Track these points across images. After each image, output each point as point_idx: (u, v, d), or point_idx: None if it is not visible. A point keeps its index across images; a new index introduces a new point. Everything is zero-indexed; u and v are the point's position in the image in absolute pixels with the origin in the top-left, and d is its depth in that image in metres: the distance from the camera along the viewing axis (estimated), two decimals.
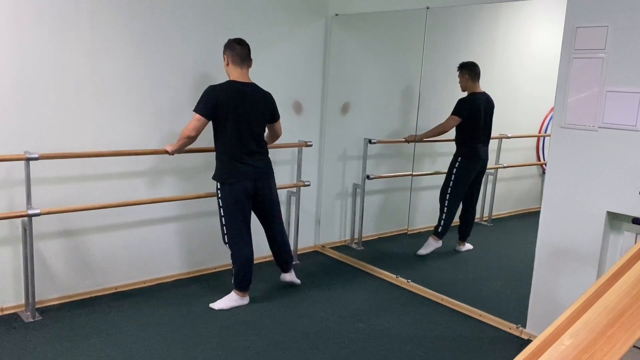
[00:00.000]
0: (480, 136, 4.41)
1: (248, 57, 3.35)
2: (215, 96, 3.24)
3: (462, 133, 4.43)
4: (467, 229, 4.66)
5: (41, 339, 3.02)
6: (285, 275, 3.85)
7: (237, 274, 3.48)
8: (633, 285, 1.99)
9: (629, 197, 2.79)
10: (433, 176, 4.79)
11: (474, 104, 4.34)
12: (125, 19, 3.45)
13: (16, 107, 3.17)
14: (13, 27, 3.09)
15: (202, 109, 3.24)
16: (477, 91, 4.35)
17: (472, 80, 4.34)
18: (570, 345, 1.76)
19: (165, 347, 3.00)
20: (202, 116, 3.23)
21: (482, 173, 4.55)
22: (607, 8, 2.79)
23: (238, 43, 3.33)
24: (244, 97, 3.30)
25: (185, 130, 3.28)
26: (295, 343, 3.11)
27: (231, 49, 3.31)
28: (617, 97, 2.79)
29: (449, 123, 4.38)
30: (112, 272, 3.68)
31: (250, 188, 3.42)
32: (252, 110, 3.34)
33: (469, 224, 4.65)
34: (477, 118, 4.36)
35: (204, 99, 3.26)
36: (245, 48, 3.33)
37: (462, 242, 4.69)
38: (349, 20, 4.44)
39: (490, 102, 4.39)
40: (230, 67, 3.33)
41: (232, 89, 3.29)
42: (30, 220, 3.16)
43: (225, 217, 3.42)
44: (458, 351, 3.10)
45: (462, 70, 4.38)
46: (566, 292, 3.06)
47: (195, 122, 3.24)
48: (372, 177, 4.72)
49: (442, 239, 4.53)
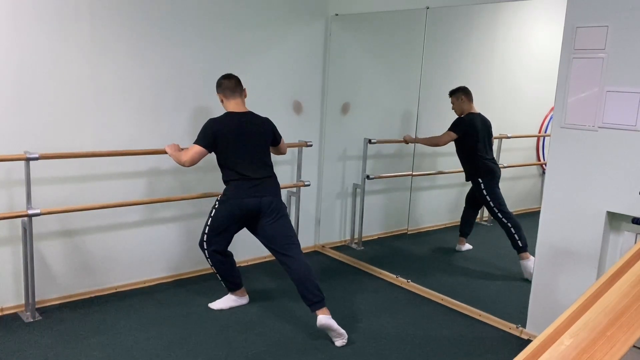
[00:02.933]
0: (487, 153, 4.41)
1: (238, 87, 3.35)
2: (215, 128, 3.26)
3: (467, 154, 4.42)
4: (470, 226, 4.66)
5: (41, 339, 3.02)
6: (321, 317, 3.05)
7: (223, 279, 3.48)
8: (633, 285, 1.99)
9: (629, 197, 2.78)
10: (433, 176, 4.78)
11: (472, 123, 4.35)
12: (125, 19, 3.45)
13: (16, 107, 3.17)
14: (12, 27, 3.09)
15: (202, 140, 3.26)
16: (473, 112, 4.36)
17: (468, 102, 4.35)
18: (570, 345, 1.76)
19: (165, 347, 3.00)
20: (202, 147, 3.25)
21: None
22: (607, 8, 2.79)
23: (225, 78, 3.36)
24: (242, 126, 3.32)
25: (182, 156, 3.27)
26: (295, 343, 3.11)
27: (220, 86, 3.35)
28: (617, 97, 2.79)
29: (443, 138, 4.38)
30: (112, 272, 3.68)
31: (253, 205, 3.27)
32: (253, 137, 3.35)
33: (470, 222, 4.66)
34: (476, 135, 4.36)
35: (203, 132, 3.28)
36: (232, 80, 3.35)
37: (462, 240, 4.69)
38: (349, 20, 4.44)
39: (486, 122, 4.40)
40: (225, 102, 3.37)
41: (229, 119, 3.31)
42: (30, 220, 3.16)
43: (210, 225, 3.37)
44: (458, 351, 3.10)
45: (456, 94, 4.36)
46: (566, 292, 3.06)
47: (193, 153, 3.25)
48: (372, 177, 4.72)
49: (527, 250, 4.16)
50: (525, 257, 4.10)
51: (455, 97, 4.38)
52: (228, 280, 3.49)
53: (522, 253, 4.14)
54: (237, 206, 3.29)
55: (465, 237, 4.69)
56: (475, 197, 4.55)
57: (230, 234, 3.40)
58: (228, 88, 3.34)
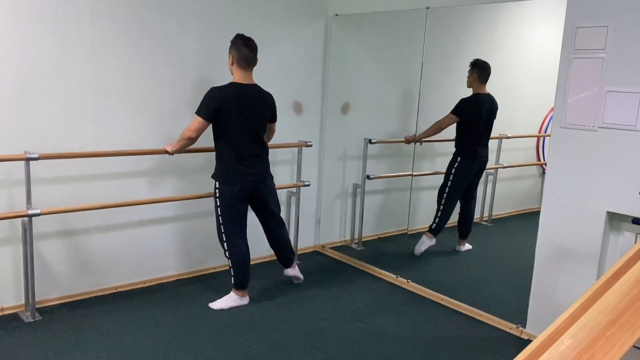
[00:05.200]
0: (479, 137, 4.41)
1: (254, 60, 3.32)
2: (218, 98, 3.23)
3: (462, 133, 4.43)
4: (467, 227, 4.66)
5: (41, 339, 3.02)
6: (288, 270, 3.87)
7: (236, 273, 3.48)
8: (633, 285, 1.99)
9: (629, 197, 2.79)
10: (433, 176, 4.78)
11: (475, 105, 4.34)
12: (126, 19, 3.45)
13: (16, 107, 3.17)
14: (13, 27, 3.09)
15: (204, 110, 3.23)
16: (481, 92, 4.34)
17: (480, 81, 4.32)
18: (570, 346, 1.76)
19: (165, 347, 3.00)
20: (204, 118, 3.23)
21: (481, 171, 4.56)
22: (607, 8, 2.79)
23: (245, 45, 3.26)
24: (246, 100, 3.29)
25: (186, 132, 3.29)
26: (295, 343, 3.11)
27: (237, 50, 3.26)
28: (617, 97, 2.79)
29: (446, 120, 4.38)
30: (112, 272, 3.68)
31: (248, 189, 3.42)
32: (255, 112, 3.34)
33: (468, 222, 4.66)
34: (477, 119, 4.35)
35: (206, 101, 3.25)
36: (253, 51, 3.28)
37: (462, 241, 4.69)
38: (349, 20, 4.44)
39: (493, 103, 4.38)
40: (235, 67, 3.30)
41: (234, 91, 3.27)
42: (30, 220, 3.16)
43: (222, 215, 3.42)
44: (458, 351, 3.10)
45: (473, 67, 4.34)
46: (566, 292, 3.06)
47: (197, 124, 3.24)
48: (372, 177, 4.72)
49: (436, 236, 4.54)
50: (428, 236, 4.54)
51: (470, 70, 4.36)
52: (238, 274, 3.47)
53: (429, 232, 4.55)
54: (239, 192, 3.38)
55: (464, 238, 4.69)
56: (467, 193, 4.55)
57: (242, 215, 3.45)
58: (245, 59, 3.25)
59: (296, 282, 3.94)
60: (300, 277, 3.92)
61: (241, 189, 3.38)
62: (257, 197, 3.51)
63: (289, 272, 3.88)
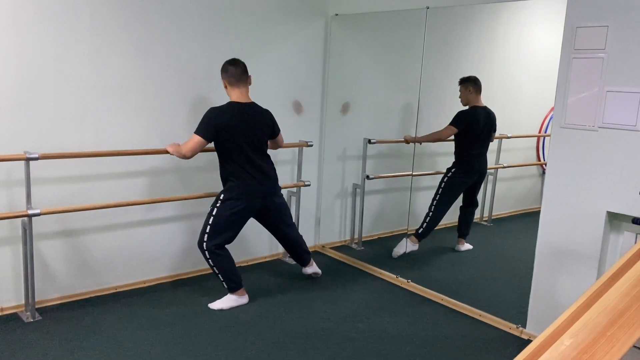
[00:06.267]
0: (477, 149, 4.43)
1: (244, 75, 3.35)
2: (216, 118, 3.26)
3: (460, 145, 4.46)
4: (467, 227, 4.67)
5: (41, 339, 3.02)
6: (307, 269, 3.97)
7: (225, 279, 3.47)
8: (633, 285, 1.99)
9: (629, 197, 2.78)
10: (433, 176, 4.78)
11: (474, 117, 4.35)
12: (126, 19, 3.45)
13: (16, 107, 3.17)
14: (13, 27, 3.09)
15: (203, 130, 3.26)
16: (478, 105, 4.36)
17: (475, 94, 4.34)
18: (570, 346, 1.76)
19: (165, 347, 3.00)
20: (202, 137, 3.26)
21: (479, 181, 4.58)
22: (607, 8, 2.79)
23: (231, 64, 3.33)
24: (244, 118, 3.33)
25: (182, 149, 3.30)
26: (295, 343, 3.11)
27: (225, 72, 3.34)
28: (617, 97, 2.79)
29: (445, 132, 4.39)
30: (112, 272, 3.68)
31: (257, 205, 3.46)
32: (254, 130, 3.36)
33: (468, 222, 4.66)
34: (475, 131, 4.37)
35: (205, 121, 3.27)
36: (239, 67, 3.33)
37: (462, 240, 4.69)
38: (349, 20, 4.44)
39: (491, 115, 4.40)
40: (229, 89, 3.36)
41: (232, 110, 3.31)
42: (30, 220, 3.16)
43: (214, 217, 3.40)
44: (458, 351, 3.10)
45: (465, 83, 4.35)
46: (566, 292, 3.06)
47: (194, 143, 3.26)
48: (372, 177, 4.72)
49: (420, 241, 4.53)
50: (412, 240, 4.53)
51: (464, 86, 4.37)
52: (229, 278, 3.48)
53: (413, 236, 4.54)
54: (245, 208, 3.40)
55: (464, 237, 4.69)
56: (469, 196, 4.56)
57: (234, 232, 3.44)
58: (234, 76, 3.31)
59: (315, 277, 4.03)
60: (319, 272, 4.01)
61: (248, 206, 3.42)
62: (265, 212, 3.56)
63: (307, 271, 3.97)
